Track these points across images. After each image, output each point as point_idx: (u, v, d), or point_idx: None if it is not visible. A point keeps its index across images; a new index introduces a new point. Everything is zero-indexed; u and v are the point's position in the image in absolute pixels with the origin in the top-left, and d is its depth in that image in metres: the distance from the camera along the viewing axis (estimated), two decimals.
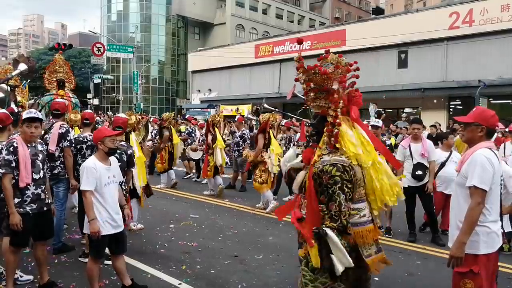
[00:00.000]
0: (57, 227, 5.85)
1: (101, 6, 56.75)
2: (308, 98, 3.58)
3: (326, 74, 3.43)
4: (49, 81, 10.48)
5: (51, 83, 10.41)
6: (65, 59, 10.88)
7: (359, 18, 52.55)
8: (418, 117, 9.03)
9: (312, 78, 3.49)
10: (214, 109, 33.18)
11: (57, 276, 5.23)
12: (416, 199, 7.19)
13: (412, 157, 7.12)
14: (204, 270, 5.68)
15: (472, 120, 3.54)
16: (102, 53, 34.05)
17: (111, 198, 4.56)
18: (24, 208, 4.53)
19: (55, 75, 10.47)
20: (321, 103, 3.55)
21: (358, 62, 3.68)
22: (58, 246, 6.22)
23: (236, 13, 52.16)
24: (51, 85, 10.37)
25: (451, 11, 23.83)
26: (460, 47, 23.48)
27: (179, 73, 55.72)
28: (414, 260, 6.32)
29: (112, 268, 5.05)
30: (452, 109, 25.13)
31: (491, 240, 3.43)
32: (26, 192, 4.55)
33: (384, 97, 24.26)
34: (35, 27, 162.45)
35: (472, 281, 3.37)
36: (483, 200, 3.34)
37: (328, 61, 3.54)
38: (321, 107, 3.56)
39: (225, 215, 8.71)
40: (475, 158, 3.39)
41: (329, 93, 3.50)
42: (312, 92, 3.53)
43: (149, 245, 6.70)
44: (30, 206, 4.57)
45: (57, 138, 6.14)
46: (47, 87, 10.55)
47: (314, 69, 3.48)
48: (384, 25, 26.41)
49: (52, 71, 10.53)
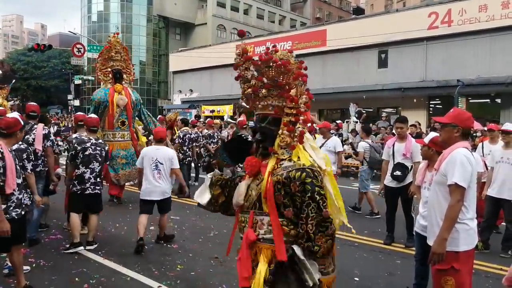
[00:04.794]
0: (35, 223, 6.36)
1: (81, 6, 56.09)
2: (256, 98, 3.07)
3: (284, 66, 2.93)
4: (103, 71, 9.18)
5: (105, 75, 9.17)
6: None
7: (339, 18, 52.87)
8: (403, 116, 8.84)
9: (265, 72, 3.01)
10: (196, 109, 33.07)
11: (35, 280, 5.12)
12: (397, 201, 7.09)
13: (393, 157, 7.02)
14: (184, 272, 5.63)
15: (448, 121, 3.63)
16: (82, 54, 33.65)
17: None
18: (10, 213, 4.48)
19: (110, 64, 9.15)
20: (274, 102, 3.02)
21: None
22: (33, 238, 6.39)
23: (217, 13, 52.01)
24: (106, 77, 9.17)
25: (430, 11, 24.08)
26: (439, 47, 23.76)
27: (160, 73, 55.35)
28: (394, 260, 6.36)
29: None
30: (432, 109, 25.41)
31: (470, 237, 3.55)
32: (12, 197, 4.50)
33: (364, 97, 24.42)
34: (14, 28, 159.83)
35: (453, 277, 3.46)
36: (463, 198, 3.44)
37: (278, 57, 3.00)
38: (274, 106, 3.03)
39: (205, 216, 8.64)
40: (454, 157, 3.47)
41: (284, 90, 3.01)
42: (264, 89, 3.01)
43: (128, 247, 6.59)
44: (15, 211, 4.53)
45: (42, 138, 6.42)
46: (100, 80, 9.30)
47: (267, 62, 2.98)
48: (364, 25, 26.55)
49: (107, 58, 9.15)
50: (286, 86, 3.01)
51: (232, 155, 3.48)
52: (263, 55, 3.02)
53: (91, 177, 6.43)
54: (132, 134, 9.93)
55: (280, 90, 3.02)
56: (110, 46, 9.10)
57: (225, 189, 3.34)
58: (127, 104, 9.17)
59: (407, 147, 6.92)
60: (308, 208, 2.80)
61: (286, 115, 3.02)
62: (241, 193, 3.03)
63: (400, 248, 6.87)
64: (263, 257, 2.90)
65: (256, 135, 3.11)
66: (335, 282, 3.03)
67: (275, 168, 2.96)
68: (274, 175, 2.92)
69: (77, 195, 6.42)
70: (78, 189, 6.40)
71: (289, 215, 2.86)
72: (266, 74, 3.01)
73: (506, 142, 6.73)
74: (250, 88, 3.07)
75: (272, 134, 3.04)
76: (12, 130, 4.69)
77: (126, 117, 9.61)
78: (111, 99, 9.29)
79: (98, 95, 9.26)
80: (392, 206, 7.14)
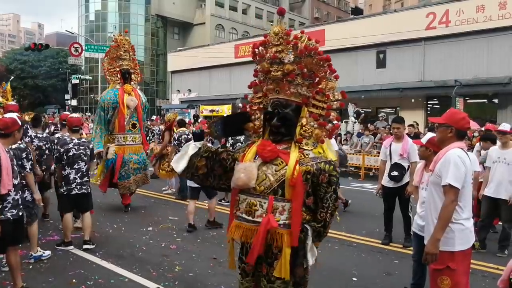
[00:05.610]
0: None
1: (79, 5, 55.98)
2: (286, 83, 3.07)
3: (327, 60, 3.09)
4: (110, 71, 8.80)
5: (112, 75, 8.78)
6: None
7: (338, 18, 52.90)
8: (399, 116, 8.83)
9: (303, 61, 3.07)
10: (194, 109, 33.02)
11: (31, 281, 5.12)
12: (395, 201, 7.09)
13: (390, 157, 7.02)
14: (183, 273, 5.63)
15: (443, 121, 3.66)
16: (79, 53, 33.59)
17: None
18: (5, 214, 4.45)
19: (118, 64, 8.74)
20: (303, 91, 3.10)
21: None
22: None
23: (215, 13, 52.01)
24: (113, 77, 8.79)
25: (428, 11, 24.10)
26: (437, 47, 23.79)
27: (159, 73, 55.31)
28: (392, 260, 6.38)
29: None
30: (429, 109, 25.44)
31: (465, 236, 3.57)
32: (7, 198, 4.47)
33: (363, 97, 24.43)
34: (10, 27, 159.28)
35: (449, 277, 3.48)
36: (457, 198, 3.47)
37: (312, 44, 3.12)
38: (302, 95, 3.11)
39: (204, 217, 8.65)
40: (448, 158, 3.50)
41: (317, 82, 3.14)
42: (301, 78, 3.06)
43: (126, 248, 6.61)
44: (10, 212, 4.50)
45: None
46: (108, 80, 8.94)
47: (310, 51, 3.05)
48: (362, 26, 26.56)
49: (114, 57, 8.74)
50: (319, 79, 3.13)
51: (226, 128, 3.43)
52: (305, 44, 3.07)
53: (76, 178, 6.42)
54: (143, 137, 9.48)
55: (312, 81, 3.11)
56: (117, 44, 8.75)
57: (209, 161, 3.31)
58: (138, 105, 8.81)
59: (404, 147, 6.90)
60: (330, 198, 3.01)
61: (313, 106, 3.14)
62: (253, 176, 3.00)
63: (398, 248, 6.88)
64: (286, 242, 2.96)
65: (274, 120, 3.07)
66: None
67: (301, 158, 3.01)
68: (302, 164, 2.97)
69: (64, 195, 6.45)
70: (64, 190, 6.42)
71: (310, 203, 3.03)
72: (305, 63, 3.07)
73: (502, 143, 6.76)
74: (280, 72, 3.06)
75: (292, 121, 3.09)
76: (10, 130, 4.69)
77: (137, 119, 9.09)
78: (121, 100, 8.76)
79: (107, 96, 8.83)
80: (390, 206, 7.15)
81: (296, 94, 3.09)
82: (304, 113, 3.13)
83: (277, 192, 2.99)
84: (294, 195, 2.95)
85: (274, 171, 3.02)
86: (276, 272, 2.96)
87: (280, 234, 2.97)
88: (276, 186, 2.99)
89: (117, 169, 8.76)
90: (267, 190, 3.00)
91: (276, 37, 3.10)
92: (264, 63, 3.15)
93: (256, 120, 3.36)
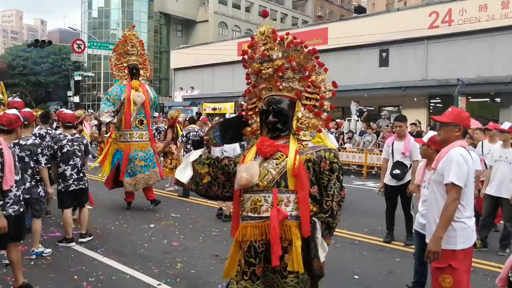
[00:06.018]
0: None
1: (82, 2, 56.00)
2: (277, 78, 3.10)
3: (314, 53, 3.17)
4: (118, 67, 8.65)
5: (120, 70, 8.64)
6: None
7: (341, 16, 52.86)
8: (401, 114, 8.81)
9: (292, 55, 3.14)
10: (197, 107, 33.03)
11: (33, 278, 5.13)
12: (397, 199, 7.10)
13: (393, 155, 7.02)
14: (184, 270, 5.63)
15: (450, 120, 3.64)
16: (82, 50, 33.60)
17: None
18: (7, 210, 4.46)
19: (126, 59, 8.61)
20: (295, 85, 3.13)
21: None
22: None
23: (219, 10, 51.98)
24: (121, 73, 8.66)
25: (431, 10, 24.09)
26: (439, 46, 23.77)
27: (161, 70, 55.29)
28: (394, 258, 6.38)
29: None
30: (432, 107, 25.42)
31: (467, 235, 3.57)
32: (9, 194, 4.49)
33: (365, 95, 24.42)
34: (13, 23, 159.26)
35: (450, 275, 3.48)
36: (459, 196, 3.46)
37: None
38: (294, 89, 3.14)
39: (206, 214, 8.67)
40: (450, 156, 3.50)
41: (307, 75, 3.18)
42: (291, 71, 3.11)
43: (128, 245, 6.62)
44: (12, 208, 4.51)
45: None
46: (115, 75, 8.79)
47: (297, 46, 3.15)
48: (365, 24, 26.56)
49: (122, 53, 8.62)
50: (308, 72, 3.18)
51: (224, 134, 3.45)
52: (293, 39, 3.14)
53: (73, 173, 6.46)
54: (151, 134, 9.27)
55: (302, 74, 3.15)
56: (125, 39, 8.64)
57: (211, 168, 3.32)
58: (145, 101, 8.68)
59: (406, 145, 6.91)
60: (334, 186, 2.99)
61: (307, 99, 3.19)
62: (256, 173, 2.97)
63: (399, 246, 6.88)
64: (295, 234, 2.92)
65: (270, 117, 3.09)
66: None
67: (300, 148, 3.04)
68: (302, 154, 3.00)
69: (62, 192, 6.49)
70: (62, 187, 6.46)
71: (315, 193, 3.00)
72: (293, 57, 3.12)
73: (503, 141, 6.75)
74: (271, 68, 3.10)
75: (287, 116, 3.11)
76: (13, 126, 4.69)
77: (144, 115, 8.89)
78: (128, 96, 8.59)
79: (113, 91, 8.71)
80: (392, 204, 7.15)
81: (289, 89, 3.13)
82: (298, 107, 3.18)
83: (280, 184, 2.98)
84: (299, 184, 2.94)
85: (275, 164, 3.02)
86: (290, 266, 2.90)
87: (288, 227, 2.93)
88: (278, 178, 2.98)
89: (123, 166, 8.67)
90: (270, 184, 2.99)
91: (262, 36, 3.16)
92: (254, 64, 3.18)
93: (253, 124, 3.40)
